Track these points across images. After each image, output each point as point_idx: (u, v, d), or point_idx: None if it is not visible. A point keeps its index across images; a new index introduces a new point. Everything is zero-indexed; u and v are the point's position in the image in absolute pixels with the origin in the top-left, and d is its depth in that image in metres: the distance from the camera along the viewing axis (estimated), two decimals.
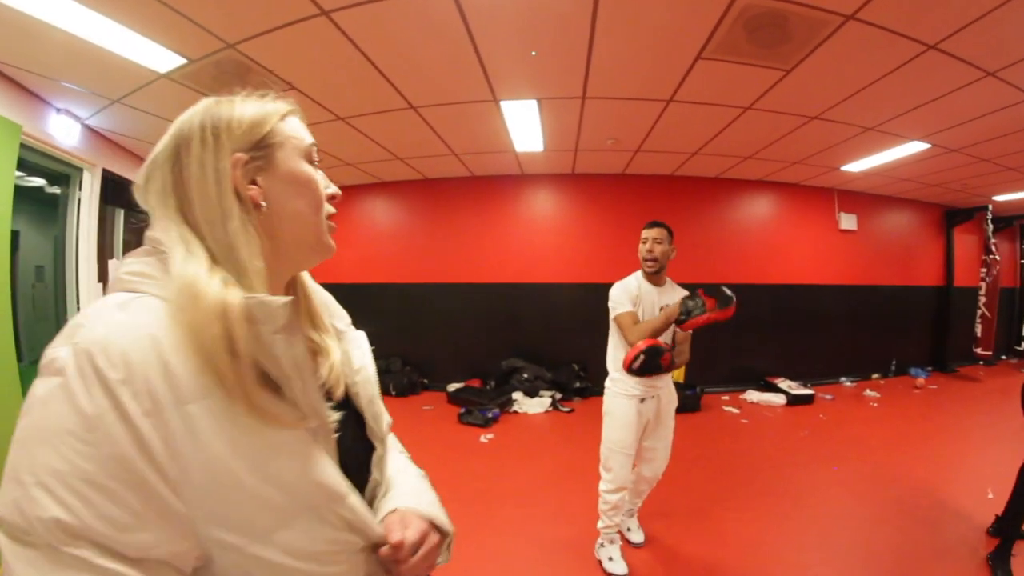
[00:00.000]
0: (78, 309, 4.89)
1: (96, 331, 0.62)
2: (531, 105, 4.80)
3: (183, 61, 3.68)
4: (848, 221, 8.38)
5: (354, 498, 0.79)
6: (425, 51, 3.71)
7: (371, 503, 0.93)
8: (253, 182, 0.80)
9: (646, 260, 3.17)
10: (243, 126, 0.80)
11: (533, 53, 3.74)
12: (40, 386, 0.61)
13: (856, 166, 6.75)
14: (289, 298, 0.71)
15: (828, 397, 7.40)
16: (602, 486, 3.19)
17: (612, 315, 3.20)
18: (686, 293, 3.01)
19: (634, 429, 3.12)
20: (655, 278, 3.22)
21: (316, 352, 0.94)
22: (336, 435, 0.83)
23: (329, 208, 0.89)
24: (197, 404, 0.64)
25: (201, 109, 0.81)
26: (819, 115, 4.87)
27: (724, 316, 2.73)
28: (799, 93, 4.34)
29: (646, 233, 3.20)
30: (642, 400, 3.14)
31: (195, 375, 0.64)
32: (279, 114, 0.85)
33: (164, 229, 0.76)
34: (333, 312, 1.09)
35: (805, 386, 7.43)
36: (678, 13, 3.18)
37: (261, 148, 0.81)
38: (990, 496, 4.01)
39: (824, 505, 4.00)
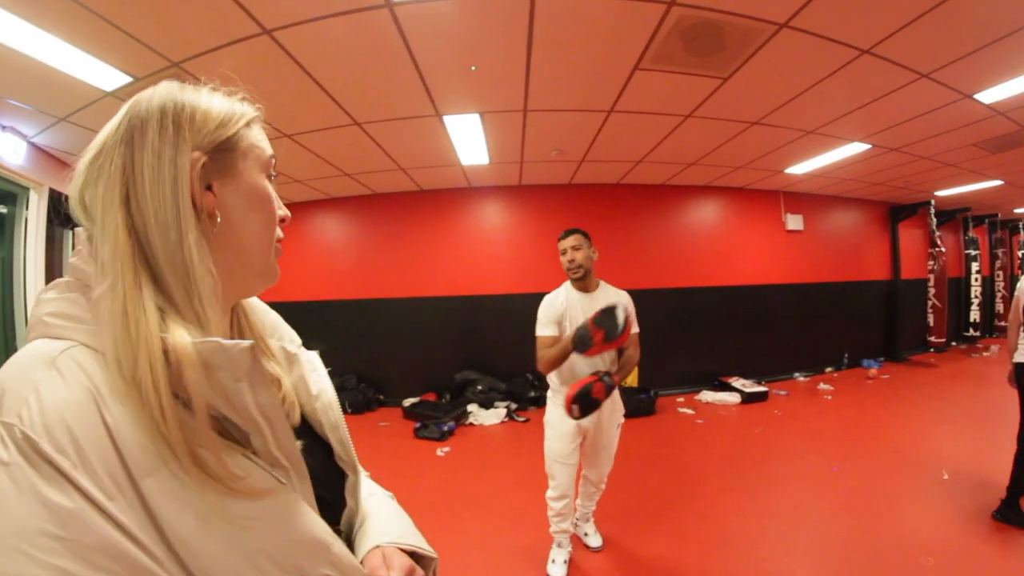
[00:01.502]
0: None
1: (31, 407, 0.51)
2: (474, 119, 4.79)
3: (128, 79, 3.61)
4: (795, 222, 8.53)
5: (338, 546, 0.71)
6: (367, 69, 3.69)
7: (348, 533, 0.88)
8: (208, 188, 0.69)
9: (569, 269, 3.13)
10: (208, 122, 0.70)
11: (473, 68, 3.73)
12: None
13: (800, 168, 6.86)
14: (249, 342, 0.61)
15: (782, 393, 7.49)
16: (548, 493, 3.22)
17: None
18: (621, 296, 3.17)
19: (571, 439, 3.15)
20: (583, 284, 3.18)
21: None
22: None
23: (278, 232, 0.80)
24: (152, 478, 0.54)
25: (163, 91, 0.69)
26: (759, 120, 4.93)
27: (617, 345, 2.74)
28: (738, 100, 4.39)
29: (562, 244, 3.16)
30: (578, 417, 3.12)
31: (146, 444, 0.54)
32: (247, 118, 0.76)
33: (102, 243, 0.63)
34: (282, 334, 0.98)
35: (759, 384, 7.52)
36: (613, 25, 3.20)
37: (223, 151, 0.71)
38: (945, 477, 4.15)
39: (782, 499, 4.05)
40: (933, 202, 9.15)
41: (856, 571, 3.04)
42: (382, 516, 0.95)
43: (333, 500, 0.86)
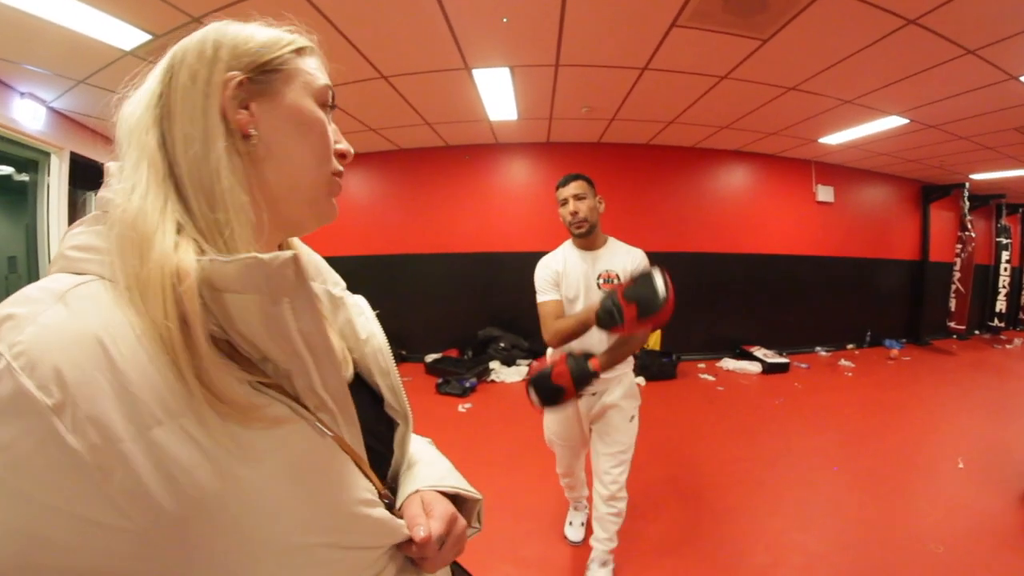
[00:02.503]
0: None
1: (24, 338, 0.46)
2: (504, 73, 4.72)
3: (148, 37, 3.57)
4: (825, 193, 8.37)
5: (378, 512, 0.67)
6: (394, 20, 3.63)
7: (393, 484, 0.84)
8: (246, 107, 0.65)
9: (572, 224, 2.65)
10: (249, 45, 0.67)
11: (504, 20, 3.66)
12: None
13: (834, 139, 6.72)
14: (291, 253, 0.55)
15: (803, 366, 7.45)
16: (556, 466, 3.09)
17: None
18: (633, 255, 2.72)
19: (570, 423, 2.82)
20: (587, 242, 2.73)
21: None
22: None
23: (336, 165, 0.76)
24: (164, 427, 0.48)
25: (210, 27, 0.69)
26: (796, 86, 4.81)
27: (658, 323, 2.13)
28: (776, 63, 4.28)
29: (562, 192, 2.68)
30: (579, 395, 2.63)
31: (160, 389, 0.49)
32: (296, 45, 0.73)
33: (132, 162, 0.60)
34: (326, 277, 0.93)
35: (781, 355, 7.48)
36: None
37: (264, 73, 0.67)
38: (960, 466, 4.07)
39: (798, 471, 4.03)
40: (967, 185, 8.88)
41: (866, 549, 3.02)
42: (422, 460, 0.92)
43: (381, 449, 0.83)
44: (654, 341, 7.28)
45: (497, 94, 5.32)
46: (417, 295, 7.77)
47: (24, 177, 5.16)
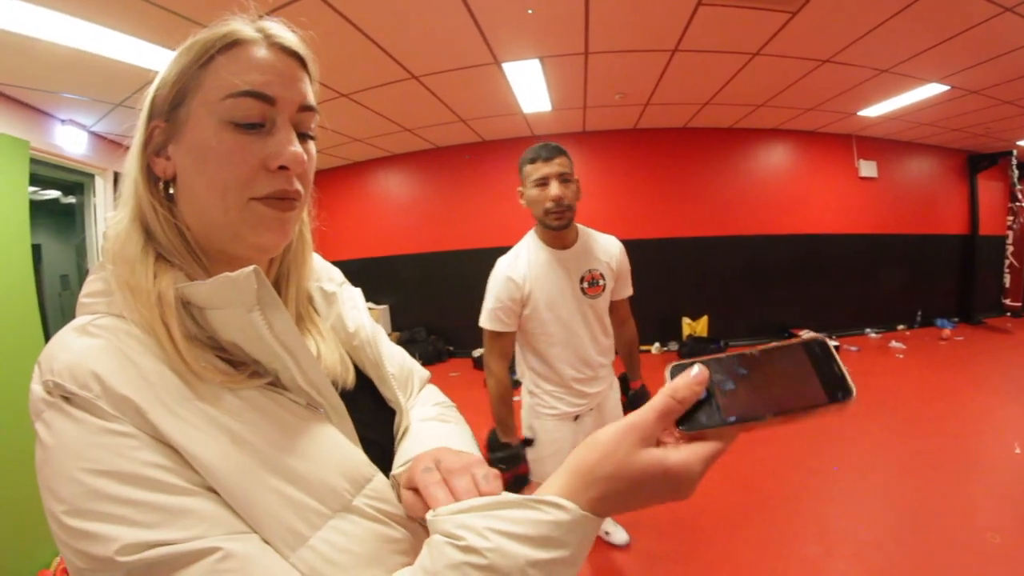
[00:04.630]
0: None
1: (60, 361, 0.56)
2: (534, 65, 4.75)
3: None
4: (868, 168, 8.22)
5: (379, 480, 0.70)
6: (419, 19, 3.69)
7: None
8: (164, 153, 0.69)
9: (552, 212, 2.16)
10: (164, 85, 0.68)
11: (530, 11, 3.69)
12: (38, 432, 0.56)
13: (873, 111, 6.60)
14: (252, 267, 0.60)
15: (853, 349, 7.37)
16: None
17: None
18: (611, 246, 2.43)
19: (568, 451, 2.45)
20: (561, 237, 2.29)
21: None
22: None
23: (265, 187, 0.67)
24: (183, 406, 0.57)
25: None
26: (830, 58, 4.74)
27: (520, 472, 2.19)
28: (808, 36, 4.23)
29: (542, 168, 2.17)
30: (576, 418, 2.43)
31: (172, 378, 0.58)
32: (208, 53, 0.66)
33: (119, 202, 0.71)
34: (319, 275, 0.95)
35: (830, 337, 7.30)
36: None
37: (175, 108, 0.67)
38: (1017, 451, 3.96)
39: (848, 457, 4.01)
40: (1015, 152, 8.64)
41: (919, 537, 2.98)
42: (424, 431, 0.87)
43: (380, 441, 0.82)
44: (701, 328, 7.25)
45: (529, 86, 5.35)
46: (462, 291, 7.79)
47: (71, 199, 5.37)
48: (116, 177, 5.11)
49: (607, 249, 2.40)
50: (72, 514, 0.50)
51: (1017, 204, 8.74)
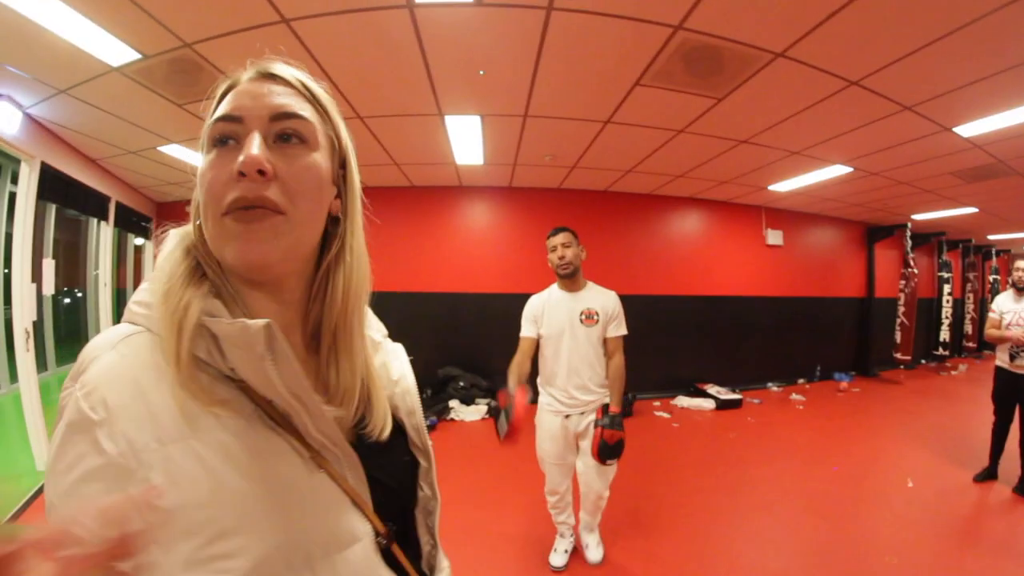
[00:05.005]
0: (6, 311, 4.63)
1: (88, 377, 0.60)
2: (475, 120, 4.88)
3: (137, 56, 3.51)
4: (775, 237, 8.76)
5: (360, 548, 0.71)
6: (378, 64, 3.75)
7: (428, 519, 0.93)
8: None
9: (559, 266, 3.14)
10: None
11: (481, 72, 3.83)
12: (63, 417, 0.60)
13: (783, 186, 7.03)
14: (264, 321, 0.61)
15: (756, 401, 7.74)
16: (545, 487, 3.36)
17: None
18: (607, 297, 3.23)
19: (560, 442, 3.18)
20: (571, 283, 3.21)
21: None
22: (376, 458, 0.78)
23: (228, 198, 0.65)
24: (178, 444, 0.59)
25: None
26: (748, 139, 5.10)
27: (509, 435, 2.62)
28: (729, 119, 4.55)
29: (552, 240, 3.18)
30: (567, 416, 3.17)
31: (176, 413, 0.59)
32: (216, 100, 0.74)
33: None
34: (370, 323, 1.01)
35: (734, 391, 7.74)
36: (621, 43, 3.32)
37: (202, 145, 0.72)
38: (910, 485, 4.38)
39: (755, 500, 4.25)
40: (910, 225, 9.49)
41: (824, 566, 3.25)
42: None
43: (398, 488, 0.86)
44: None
45: (466, 140, 5.47)
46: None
47: None
48: (43, 167, 4.75)
49: (604, 298, 3.22)
50: (49, 509, 0.57)
51: (909, 270, 9.59)
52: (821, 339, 9.37)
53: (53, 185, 5.02)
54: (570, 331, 3.16)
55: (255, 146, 0.65)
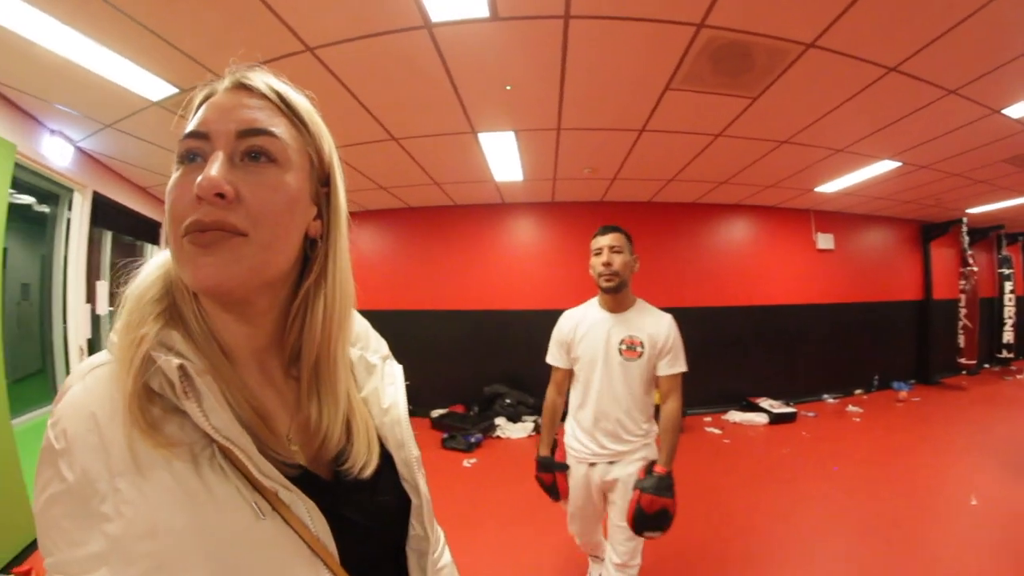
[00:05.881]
0: (64, 328, 5.00)
1: (59, 407, 0.64)
2: (508, 137, 4.90)
3: (175, 90, 3.72)
4: (825, 241, 8.50)
5: None
6: (405, 87, 3.81)
7: (421, 559, 0.86)
8: None
9: (603, 275, 2.51)
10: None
11: (508, 88, 3.84)
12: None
13: (830, 187, 6.85)
14: (176, 361, 0.62)
15: (811, 415, 7.44)
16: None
17: None
18: (661, 322, 2.58)
19: (582, 491, 2.66)
20: (614, 300, 2.60)
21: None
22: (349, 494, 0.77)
23: (189, 215, 0.63)
24: (125, 478, 0.60)
25: None
26: (788, 139, 4.98)
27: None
28: (767, 119, 4.44)
29: (598, 242, 2.56)
30: (591, 465, 2.62)
31: (124, 447, 0.60)
32: (193, 106, 0.72)
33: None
34: (366, 343, 0.99)
35: (787, 404, 7.49)
36: (644, 47, 3.28)
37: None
38: (973, 503, 4.11)
39: (809, 520, 4.07)
40: (965, 220, 9.02)
41: None
42: None
43: (381, 529, 0.83)
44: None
45: (502, 156, 5.49)
46: (425, 351, 7.84)
47: (44, 208, 5.20)
48: (95, 196, 5.20)
49: (656, 323, 2.60)
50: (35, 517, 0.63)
51: (968, 268, 9.12)
52: (878, 346, 9.00)
53: (105, 212, 5.45)
54: (604, 363, 2.58)
55: (215, 167, 0.63)
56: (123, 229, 5.85)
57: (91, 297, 5.27)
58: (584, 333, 2.66)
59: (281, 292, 0.76)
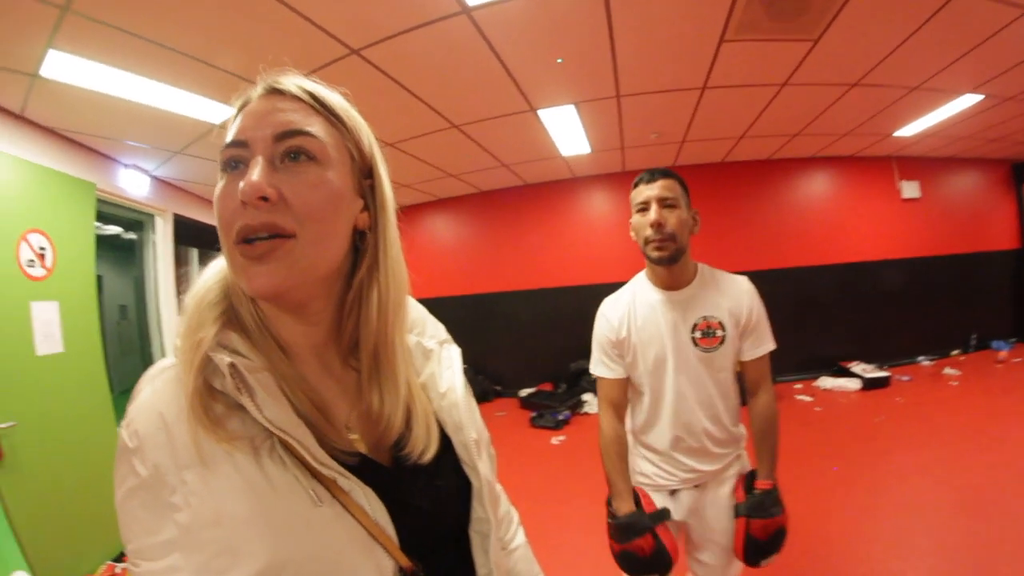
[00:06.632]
0: (161, 342, 5.44)
1: (132, 408, 0.69)
2: (569, 110, 4.89)
3: (233, 111, 3.92)
4: (910, 189, 7.99)
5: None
6: (456, 73, 3.87)
7: (484, 542, 0.85)
8: None
9: (652, 241, 1.84)
10: None
11: (559, 61, 3.84)
12: None
13: (909, 129, 6.50)
14: (228, 360, 0.65)
15: (905, 378, 7.04)
16: None
17: None
18: (739, 289, 1.97)
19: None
20: (671, 275, 1.93)
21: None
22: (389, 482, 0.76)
23: (237, 222, 0.67)
24: (191, 471, 0.64)
25: None
26: (858, 81, 4.74)
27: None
28: (832, 62, 4.25)
29: (644, 192, 1.88)
30: (672, 492, 2.00)
31: (190, 443, 0.65)
32: (233, 116, 0.77)
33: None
34: (423, 329, 0.99)
35: (880, 368, 7.16)
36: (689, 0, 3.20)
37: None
38: None
39: (901, 496, 3.83)
40: None
41: None
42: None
43: (442, 512, 0.84)
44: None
45: (566, 130, 5.51)
46: (509, 331, 8.00)
47: (132, 236, 5.76)
48: (175, 218, 5.63)
49: (732, 293, 1.96)
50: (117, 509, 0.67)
51: None
52: (974, 302, 8.31)
53: (187, 231, 5.88)
54: (676, 361, 1.92)
55: (256, 172, 0.65)
56: (205, 244, 6.14)
57: (182, 310, 5.76)
58: (641, 325, 1.96)
59: (336, 287, 0.79)
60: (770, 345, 1.97)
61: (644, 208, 1.86)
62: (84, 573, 3.58)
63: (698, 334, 1.90)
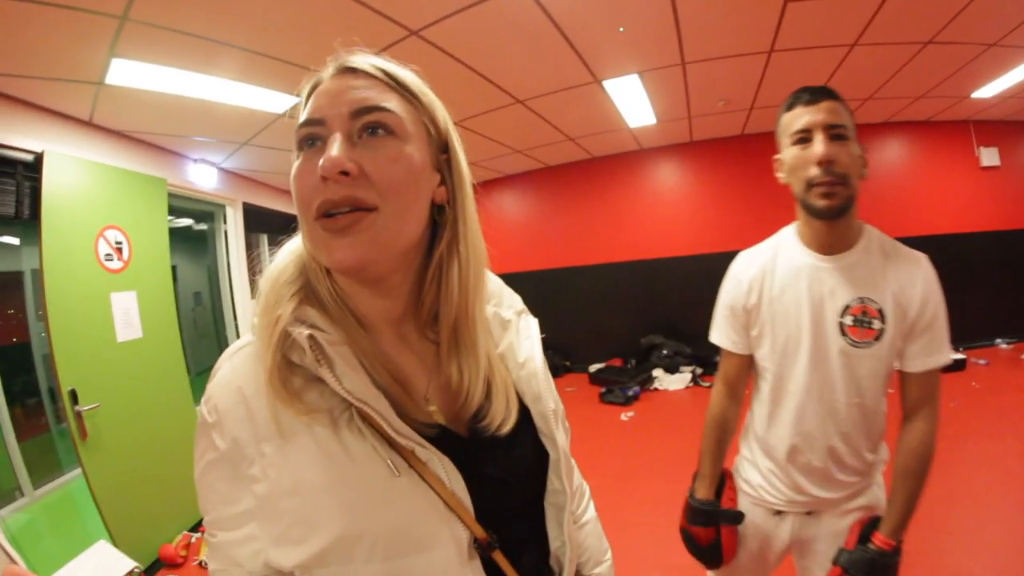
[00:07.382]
0: (236, 325, 5.80)
1: (211, 384, 0.74)
2: (633, 80, 4.87)
3: (296, 100, 4.03)
4: (990, 156, 7.44)
5: (441, 551, 0.70)
6: (518, 48, 3.89)
7: (559, 514, 0.86)
8: None
9: (818, 185, 1.43)
10: None
11: (621, 29, 3.83)
12: None
13: (988, 90, 6.15)
14: (306, 332, 0.67)
15: (982, 362, 6.59)
16: None
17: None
18: (918, 266, 1.56)
19: (752, 545, 1.73)
20: (832, 233, 1.54)
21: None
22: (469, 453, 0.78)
23: (317, 198, 0.68)
24: (269, 443, 0.68)
25: None
26: (932, 39, 4.55)
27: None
28: (904, 19, 4.09)
29: (805, 117, 1.45)
30: (778, 513, 1.68)
31: (269, 416, 0.68)
32: (304, 97, 0.79)
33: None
34: (500, 299, 0.99)
35: (956, 350, 6.65)
36: None
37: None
38: None
39: (972, 487, 3.67)
40: None
41: None
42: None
43: (519, 483, 0.85)
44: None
45: (631, 101, 5.49)
46: (579, 306, 8.04)
47: (203, 226, 6.12)
48: (244, 207, 5.91)
49: (904, 273, 1.52)
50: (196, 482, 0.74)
51: None
52: None
53: (257, 218, 6.20)
54: (813, 348, 1.53)
55: (335, 148, 0.66)
56: (275, 229, 6.43)
57: (255, 294, 6.15)
58: (777, 293, 1.57)
59: (415, 262, 0.80)
60: (946, 356, 1.51)
61: (805, 138, 1.44)
62: (161, 542, 3.87)
63: (848, 320, 1.49)
